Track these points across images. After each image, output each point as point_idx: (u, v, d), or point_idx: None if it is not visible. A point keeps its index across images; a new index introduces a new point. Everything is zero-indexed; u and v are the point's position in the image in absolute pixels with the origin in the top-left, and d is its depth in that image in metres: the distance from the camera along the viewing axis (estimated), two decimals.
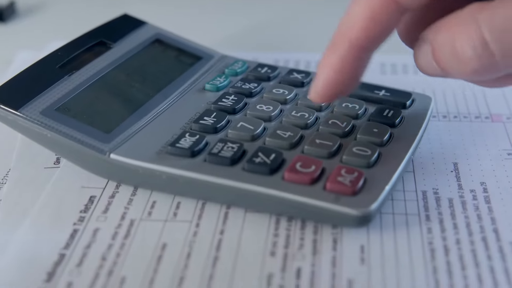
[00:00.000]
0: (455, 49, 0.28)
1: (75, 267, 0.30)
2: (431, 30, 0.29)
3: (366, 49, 0.31)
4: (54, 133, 0.34)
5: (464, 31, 0.28)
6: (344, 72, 0.31)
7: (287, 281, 0.29)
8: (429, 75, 0.31)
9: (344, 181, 0.31)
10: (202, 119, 0.35)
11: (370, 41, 0.30)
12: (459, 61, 0.28)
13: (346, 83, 0.32)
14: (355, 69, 0.31)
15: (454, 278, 0.29)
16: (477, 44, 0.27)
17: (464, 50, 0.28)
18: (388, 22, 0.30)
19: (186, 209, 0.33)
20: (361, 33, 0.30)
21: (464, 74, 0.29)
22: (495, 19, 0.27)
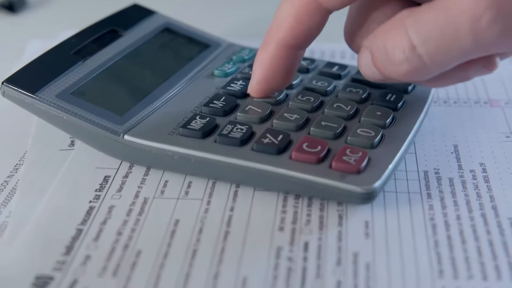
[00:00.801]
0: (387, 53, 0.30)
1: (92, 241, 0.31)
2: (370, 37, 0.31)
3: (293, 47, 0.33)
4: (69, 115, 0.35)
5: (394, 36, 0.29)
6: (274, 69, 0.34)
7: (295, 253, 0.30)
8: (372, 80, 0.33)
9: (349, 160, 0.33)
10: (212, 103, 0.37)
11: (296, 40, 0.33)
12: (392, 65, 0.30)
13: (277, 79, 0.35)
14: (284, 66, 0.34)
15: (455, 251, 0.31)
16: (405, 48, 0.29)
17: (395, 53, 0.30)
18: (311, 22, 0.32)
19: (197, 188, 0.35)
20: (287, 33, 0.33)
21: (400, 76, 0.30)
22: (421, 23, 0.29)
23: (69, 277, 0.29)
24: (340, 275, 0.29)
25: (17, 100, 0.36)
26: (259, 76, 0.35)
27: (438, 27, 0.28)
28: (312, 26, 0.33)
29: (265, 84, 0.35)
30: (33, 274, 0.29)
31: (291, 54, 0.34)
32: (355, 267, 0.30)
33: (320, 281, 0.29)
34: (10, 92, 0.36)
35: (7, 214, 0.33)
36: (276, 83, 0.35)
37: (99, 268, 0.30)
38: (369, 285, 0.29)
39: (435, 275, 0.29)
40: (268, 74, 0.34)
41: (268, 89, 0.35)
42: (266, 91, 0.36)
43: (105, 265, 0.30)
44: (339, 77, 0.40)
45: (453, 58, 0.29)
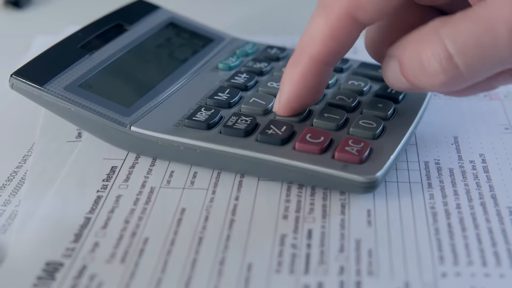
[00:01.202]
0: (422, 63, 0.29)
1: (100, 229, 0.32)
2: (397, 46, 0.31)
3: (326, 63, 0.32)
4: (77, 107, 0.36)
5: (429, 46, 0.29)
6: (306, 86, 0.33)
7: (299, 241, 0.31)
8: (398, 89, 0.33)
9: (352, 151, 0.33)
10: (216, 95, 0.38)
11: (330, 56, 0.32)
12: (427, 75, 0.29)
13: (308, 97, 0.34)
14: (316, 83, 0.33)
15: (455, 238, 0.31)
16: (442, 58, 0.28)
17: (431, 64, 0.29)
18: (346, 38, 0.31)
19: (202, 178, 0.35)
20: (321, 49, 0.32)
21: (433, 87, 0.30)
22: (457, 33, 0.28)
23: (78, 264, 0.30)
24: (343, 261, 0.30)
25: (26, 92, 0.37)
26: (289, 94, 0.34)
27: (476, 36, 0.28)
28: (347, 42, 0.31)
29: (296, 102, 0.34)
30: (43, 260, 0.30)
31: (324, 70, 0.33)
32: (357, 253, 0.30)
33: (323, 266, 0.30)
34: (19, 84, 0.37)
35: (16, 203, 0.34)
36: (306, 101, 0.34)
37: (107, 255, 0.30)
38: (371, 270, 0.29)
39: (436, 261, 0.30)
40: (299, 91, 0.33)
41: (298, 107, 0.34)
42: (295, 110, 0.34)
43: (113, 252, 0.31)
44: (341, 70, 0.41)
45: (490, 67, 0.29)
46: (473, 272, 0.29)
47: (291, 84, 0.33)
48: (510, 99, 0.42)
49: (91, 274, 0.29)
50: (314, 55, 0.32)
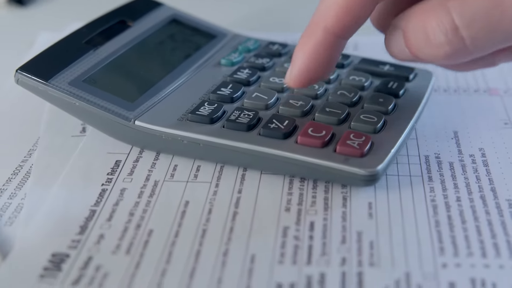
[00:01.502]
0: (427, 35, 0.29)
1: (105, 221, 0.32)
2: (402, 17, 0.31)
3: (340, 37, 0.32)
4: (82, 102, 0.36)
5: (435, 18, 0.29)
6: (318, 59, 0.33)
7: (301, 232, 0.32)
8: (400, 60, 0.33)
9: (353, 144, 0.34)
10: (219, 90, 0.38)
11: (344, 30, 0.32)
12: (432, 46, 0.30)
13: (320, 69, 0.33)
14: (328, 56, 0.33)
15: (455, 230, 0.32)
16: (448, 30, 0.29)
17: (436, 35, 0.29)
18: (361, 11, 0.31)
19: (205, 172, 0.36)
20: (335, 22, 0.31)
21: (437, 58, 0.30)
22: (466, 6, 0.28)
23: (83, 255, 0.30)
24: (344, 253, 0.30)
25: (31, 87, 0.37)
26: (301, 65, 0.33)
27: (484, 10, 0.28)
28: (362, 15, 0.31)
29: (307, 74, 0.33)
30: (49, 252, 0.31)
31: (337, 44, 0.32)
32: (359, 245, 0.31)
33: (325, 257, 0.30)
34: (24, 79, 0.37)
35: (22, 197, 0.35)
36: (318, 74, 0.34)
37: (112, 246, 0.31)
38: (372, 261, 0.30)
39: (436, 252, 0.30)
40: (311, 63, 0.33)
41: (309, 80, 0.34)
42: (306, 81, 0.34)
43: (119, 244, 0.31)
44: (342, 66, 0.41)
45: (495, 42, 0.29)
46: (473, 263, 0.30)
47: (304, 56, 0.33)
48: (509, 94, 0.43)
49: (97, 265, 0.30)
50: (328, 27, 0.32)
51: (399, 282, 0.29)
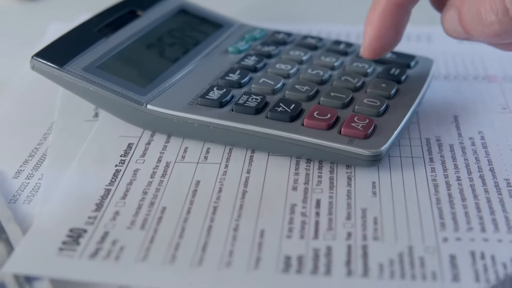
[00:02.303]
0: (480, 14, 0.32)
1: (120, 199, 0.34)
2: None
3: (402, 6, 0.36)
4: (96, 87, 0.38)
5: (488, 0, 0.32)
6: (384, 27, 0.37)
7: (308, 209, 0.33)
8: (453, 37, 0.35)
9: (357, 126, 0.35)
10: (227, 76, 0.39)
11: None
12: (483, 25, 0.33)
13: (388, 37, 0.37)
14: (393, 24, 0.37)
15: (456, 207, 0.33)
16: (499, 11, 0.31)
17: (488, 15, 0.32)
18: None
19: (215, 154, 0.37)
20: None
21: (487, 36, 0.33)
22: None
23: (100, 230, 0.32)
24: (350, 228, 0.32)
25: (46, 73, 0.39)
26: (370, 35, 0.37)
27: None
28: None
29: (377, 42, 0.37)
30: (67, 227, 0.32)
31: (400, 12, 0.36)
32: (363, 220, 0.32)
33: (331, 232, 0.32)
34: (39, 65, 0.39)
35: (39, 177, 0.36)
36: (387, 42, 0.37)
37: (127, 222, 0.32)
38: (376, 236, 0.31)
39: (437, 227, 0.32)
40: (379, 32, 0.37)
41: (380, 48, 0.38)
42: (378, 50, 0.38)
43: (133, 220, 0.32)
44: (345, 53, 0.43)
45: None
46: (472, 237, 0.31)
47: (371, 27, 0.37)
48: (507, 81, 0.44)
49: (113, 239, 0.31)
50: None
51: (402, 254, 0.30)
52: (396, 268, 0.30)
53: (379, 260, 0.30)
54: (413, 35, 0.51)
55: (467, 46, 0.49)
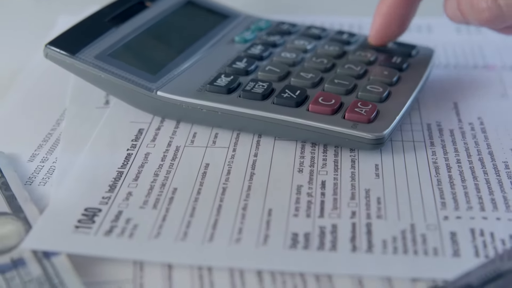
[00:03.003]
0: (472, 2, 0.36)
1: (132, 181, 0.35)
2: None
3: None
4: (107, 74, 0.39)
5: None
6: (391, 16, 0.40)
7: (314, 190, 0.34)
8: (454, 22, 0.39)
9: (360, 111, 0.36)
10: (234, 64, 0.41)
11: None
12: (475, 11, 0.36)
13: (394, 26, 0.41)
14: (400, 14, 0.40)
15: (456, 188, 0.34)
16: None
17: (479, 2, 0.36)
18: None
19: (223, 138, 0.38)
20: None
21: (480, 21, 0.37)
22: None
23: (114, 209, 0.33)
24: (354, 207, 0.33)
25: (59, 61, 0.40)
26: (378, 22, 0.41)
27: None
28: None
29: (384, 30, 0.41)
30: (82, 207, 0.33)
31: (407, 3, 0.40)
32: (367, 200, 0.34)
33: (336, 211, 0.33)
34: (53, 53, 0.40)
35: (53, 160, 0.37)
36: (393, 30, 0.41)
37: (140, 202, 0.34)
38: (380, 214, 0.33)
39: (438, 207, 0.33)
40: (386, 21, 0.41)
41: (386, 36, 0.42)
42: (384, 38, 0.42)
43: (146, 200, 0.34)
44: (348, 43, 0.44)
45: None
46: (472, 216, 0.32)
47: (380, 16, 0.41)
48: (506, 69, 0.45)
49: (127, 218, 0.32)
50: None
51: (405, 232, 0.32)
52: (399, 244, 0.31)
53: (383, 237, 0.31)
54: (414, 26, 0.52)
55: (466, 37, 0.50)
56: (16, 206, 0.33)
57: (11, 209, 0.33)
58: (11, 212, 0.33)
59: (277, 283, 0.29)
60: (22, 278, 0.29)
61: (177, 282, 0.29)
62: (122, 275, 0.30)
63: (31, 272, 0.29)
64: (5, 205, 0.33)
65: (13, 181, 0.35)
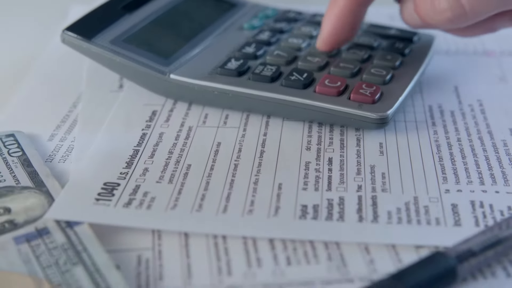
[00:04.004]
0: (433, 3, 0.36)
1: (148, 158, 0.37)
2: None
3: (360, 4, 0.39)
4: (122, 58, 0.41)
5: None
6: (342, 22, 0.40)
7: (321, 166, 0.36)
8: (411, 26, 0.40)
9: (365, 93, 0.38)
10: (244, 48, 0.42)
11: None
12: (436, 12, 0.36)
13: (345, 33, 0.41)
14: (352, 21, 0.40)
15: (457, 164, 0.36)
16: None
17: (441, 3, 0.36)
18: None
19: (233, 119, 0.40)
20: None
21: (441, 23, 0.37)
22: None
23: (131, 184, 0.35)
24: (360, 181, 0.35)
25: (75, 46, 0.42)
26: (328, 29, 0.40)
27: None
28: None
29: (333, 37, 0.41)
30: (101, 181, 0.35)
31: (357, 9, 0.40)
32: (372, 175, 0.35)
33: (343, 185, 0.35)
34: (69, 38, 0.41)
35: (72, 140, 0.39)
36: (342, 36, 0.41)
37: (156, 177, 0.35)
38: (385, 188, 0.34)
39: (440, 181, 0.35)
40: (336, 27, 0.40)
41: (336, 42, 0.41)
42: (333, 44, 0.41)
43: (161, 175, 0.35)
44: None
45: (490, 8, 0.35)
46: (472, 189, 0.34)
47: (329, 23, 0.40)
48: (504, 55, 0.47)
49: (144, 191, 0.34)
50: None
51: (408, 204, 0.33)
52: (403, 215, 0.33)
53: (388, 208, 0.33)
54: None
55: None
56: (38, 181, 0.35)
57: (33, 184, 0.35)
58: (34, 186, 0.34)
59: (288, 250, 0.31)
60: (47, 245, 0.31)
61: (193, 249, 0.31)
62: (142, 244, 0.32)
63: (55, 239, 0.31)
64: (28, 180, 0.35)
65: (34, 158, 0.36)
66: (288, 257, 0.31)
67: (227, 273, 0.30)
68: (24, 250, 0.30)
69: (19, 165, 0.36)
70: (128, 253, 0.31)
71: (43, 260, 0.30)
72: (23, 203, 0.33)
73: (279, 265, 0.30)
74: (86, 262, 0.30)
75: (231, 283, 0.29)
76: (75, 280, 0.29)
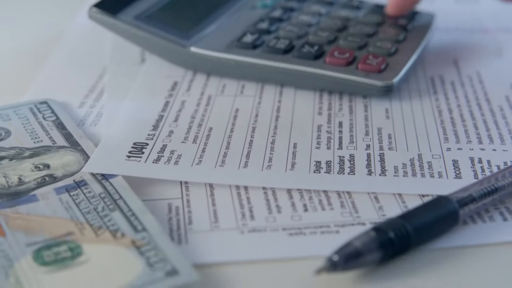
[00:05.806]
0: None
1: (173, 122, 0.40)
2: None
3: None
4: (146, 33, 0.44)
5: None
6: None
7: (332, 128, 0.39)
8: None
9: (372, 63, 0.41)
10: (258, 24, 0.46)
11: None
12: None
13: None
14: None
15: (457, 126, 0.39)
16: None
17: None
18: None
19: (249, 89, 0.43)
20: None
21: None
22: None
23: (159, 143, 0.38)
24: (368, 141, 0.38)
25: (101, 21, 0.45)
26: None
27: None
28: None
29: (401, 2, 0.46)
30: (131, 141, 0.38)
31: None
32: (379, 136, 0.38)
33: (353, 144, 0.38)
34: (96, 15, 0.45)
35: (100, 107, 0.42)
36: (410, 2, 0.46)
37: (181, 138, 0.38)
38: (391, 147, 0.38)
39: (442, 140, 0.38)
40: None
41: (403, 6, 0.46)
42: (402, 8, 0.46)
43: (186, 136, 0.38)
44: (358, 8, 0.49)
45: None
46: (471, 147, 0.37)
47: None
48: (500, 32, 0.50)
49: (171, 149, 0.37)
50: None
51: (413, 160, 0.36)
52: (409, 169, 0.36)
53: (394, 164, 0.36)
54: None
55: (465, 5, 0.55)
56: (73, 141, 0.38)
57: (69, 144, 0.38)
58: (69, 146, 0.37)
59: (305, 198, 0.34)
60: (86, 195, 0.34)
61: (218, 198, 0.34)
62: (171, 194, 0.35)
63: (93, 190, 0.34)
64: (63, 140, 0.38)
65: (67, 122, 0.39)
66: (305, 205, 0.34)
67: (250, 218, 0.33)
68: (65, 199, 0.34)
69: (54, 128, 0.39)
70: (160, 202, 0.34)
71: (83, 207, 0.33)
72: (61, 160, 0.36)
73: (297, 211, 0.33)
74: (122, 208, 0.33)
75: (254, 226, 0.32)
76: (114, 223, 0.32)
